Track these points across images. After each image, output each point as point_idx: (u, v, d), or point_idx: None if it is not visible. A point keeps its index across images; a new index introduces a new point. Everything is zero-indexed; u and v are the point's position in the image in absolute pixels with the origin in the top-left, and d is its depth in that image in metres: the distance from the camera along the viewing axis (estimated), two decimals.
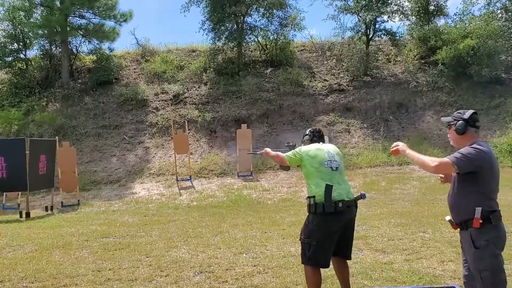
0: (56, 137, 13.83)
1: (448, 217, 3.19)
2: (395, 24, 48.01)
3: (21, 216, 11.07)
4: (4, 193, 12.55)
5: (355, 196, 4.04)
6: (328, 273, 4.70)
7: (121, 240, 7.36)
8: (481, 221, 2.92)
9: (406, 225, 7.50)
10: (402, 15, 19.30)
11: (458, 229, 3.14)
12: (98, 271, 5.49)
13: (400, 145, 3.36)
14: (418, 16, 20.78)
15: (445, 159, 3.03)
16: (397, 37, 19.44)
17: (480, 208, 2.92)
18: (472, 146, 3.02)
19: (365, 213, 8.98)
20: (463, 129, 3.13)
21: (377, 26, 19.31)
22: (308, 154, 4.07)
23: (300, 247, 4.02)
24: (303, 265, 4.06)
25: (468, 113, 3.15)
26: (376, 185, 12.38)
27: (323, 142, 4.29)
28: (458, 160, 2.96)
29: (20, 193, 12.30)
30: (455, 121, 3.18)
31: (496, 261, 2.94)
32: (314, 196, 3.90)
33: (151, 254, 6.20)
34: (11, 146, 11.55)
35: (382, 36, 19.75)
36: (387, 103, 17.68)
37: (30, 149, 11.30)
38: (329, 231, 3.86)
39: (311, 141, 4.28)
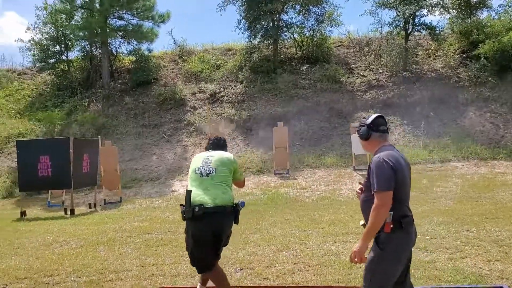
0: (99, 136, 14.22)
1: (362, 222, 3.13)
2: (435, 18, 46.64)
3: (66, 213, 11.44)
4: (50, 191, 13.02)
5: (235, 203, 4.01)
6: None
7: (163, 236, 7.52)
8: (391, 225, 2.88)
9: (449, 223, 7.31)
10: (442, 9, 18.76)
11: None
12: (142, 266, 5.62)
13: (354, 249, 2.97)
14: (459, 9, 20.13)
15: (379, 197, 2.85)
16: (437, 31, 18.91)
17: (391, 212, 2.88)
18: (378, 160, 2.93)
19: None
20: (366, 135, 3.10)
21: (416, 20, 18.86)
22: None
23: None
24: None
25: (370, 118, 3.11)
26: (417, 183, 12.09)
27: (216, 149, 4.30)
28: (385, 185, 2.86)
29: (64, 190, 12.74)
30: (360, 127, 3.15)
31: (395, 267, 2.93)
32: None
33: None
34: (56, 145, 11.96)
35: (422, 30, 19.27)
36: (427, 99, 17.24)
37: (74, 148, 11.66)
38: (192, 236, 3.92)
39: (205, 149, 4.42)
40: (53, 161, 11.53)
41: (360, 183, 3.24)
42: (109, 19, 20.95)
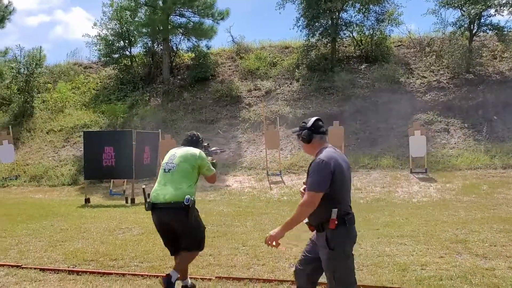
0: (159, 130, 14.76)
1: (305, 220, 3.21)
2: (503, 18, 44.13)
3: (126, 202, 12.00)
4: (112, 180, 13.67)
5: (180, 200, 4.07)
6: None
7: (218, 228, 7.75)
8: (336, 222, 3.02)
9: (511, 231, 7.07)
10: None
11: (315, 230, 3.21)
12: (199, 256, 5.81)
13: (271, 233, 3.15)
14: None
15: (309, 196, 3.02)
16: (505, 32, 18.07)
17: (336, 209, 3.02)
18: (318, 161, 3.08)
19: (464, 217, 8.61)
20: (308, 138, 3.24)
21: (482, 20, 18.11)
22: None
23: None
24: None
25: (311, 121, 3.26)
26: (477, 189, 11.73)
27: (187, 145, 4.45)
28: (319, 186, 3.01)
29: (125, 180, 13.33)
30: (301, 131, 3.27)
31: (348, 262, 3.11)
32: None
33: (247, 244, 6.46)
34: (120, 137, 12.55)
35: (488, 31, 18.48)
36: (491, 102, 16.55)
37: (136, 140, 12.20)
38: (155, 226, 4.29)
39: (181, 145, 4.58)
40: (117, 152, 12.12)
41: (304, 183, 3.36)
42: (171, 16, 21.56)
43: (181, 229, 4.18)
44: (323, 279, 3.33)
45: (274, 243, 3.12)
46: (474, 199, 10.79)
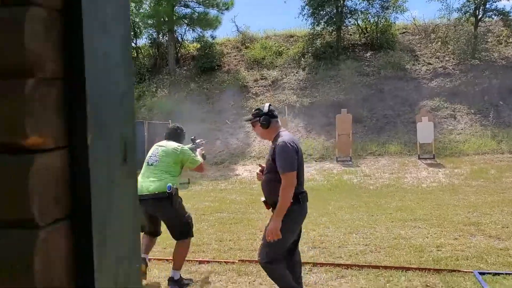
0: (169, 120, 14.89)
1: (262, 198, 3.45)
2: (509, 3, 43.50)
3: None
4: None
5: (164, 190, 4.20)
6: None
7: (234, 215, 7.93)
8: (292, 200, 3.18)
9: None
10: None
11: (270, 208, 3.40)
12: (220, 241, 6.03)
13: (269, 228, 3.28)
14: None
15: (287, 177, 3.17)
16: (510, 17, 18.11)
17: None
18: (283, 144, 3.22)
19: (474, 200, 8.76)
20: (267, 123, 3.40)
21: (487, 6, 18.14)
22: None
23: None
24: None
25: (266, 107, 3.43)
26: (485, 173, 11.85)
27: (170, 139, 4.59)
28: (289, 166, 3.18)
29: (137, 171, 13.50)
30: (258, 118, 3.41)
31: (288, 237, 3.32)
32: None
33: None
34: None
35: (493, 16, 18.51)
36: (497, 87, 16.62)
37: (148, 131, 12.36)
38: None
39: (164, 138, 4.72)
40: None
41: (260, 165, 3.59)
42: (176, 7, 21.60)
43: (166, 218, 4.36)
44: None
45: (275, 236, 3.25)
46: (483, 183, 10.92)
